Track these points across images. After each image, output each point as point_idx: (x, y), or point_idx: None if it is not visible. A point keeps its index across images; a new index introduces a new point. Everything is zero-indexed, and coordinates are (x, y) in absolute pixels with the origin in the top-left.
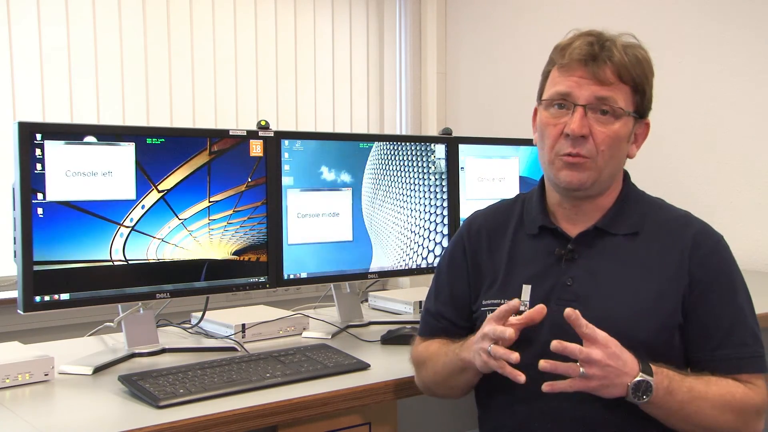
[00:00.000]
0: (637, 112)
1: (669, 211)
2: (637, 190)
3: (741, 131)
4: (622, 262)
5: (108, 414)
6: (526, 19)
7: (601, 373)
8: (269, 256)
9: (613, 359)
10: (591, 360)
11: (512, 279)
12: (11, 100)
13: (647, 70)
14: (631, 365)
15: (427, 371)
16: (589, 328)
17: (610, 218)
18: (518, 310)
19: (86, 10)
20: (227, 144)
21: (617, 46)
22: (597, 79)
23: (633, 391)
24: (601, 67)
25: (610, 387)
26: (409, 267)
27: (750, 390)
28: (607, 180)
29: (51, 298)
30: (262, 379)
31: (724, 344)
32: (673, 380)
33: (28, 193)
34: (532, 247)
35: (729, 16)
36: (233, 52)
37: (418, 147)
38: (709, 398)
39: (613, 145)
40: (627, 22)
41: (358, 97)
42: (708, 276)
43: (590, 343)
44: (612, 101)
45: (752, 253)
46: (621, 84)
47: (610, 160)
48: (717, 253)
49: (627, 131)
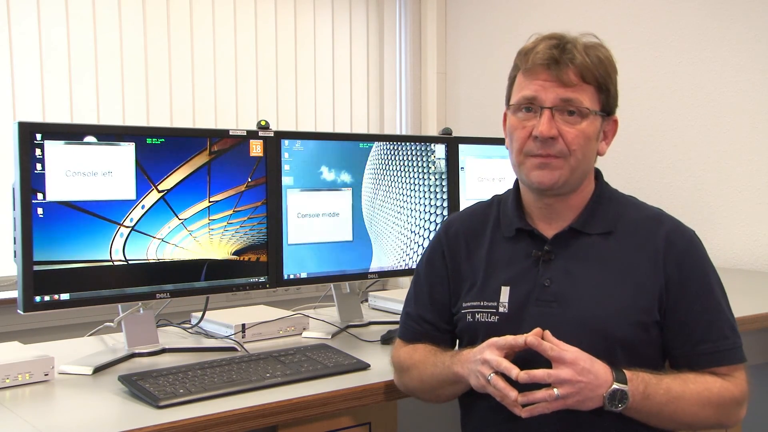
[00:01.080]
0: (603, 110)
1: (642, 210)
2: (610, 189)
3: (741, 131)
4: (597, 262)
5: (108, 414)
6: (526, 20)
7: (575, 389)
8: (269, 256)
9: (584, 374)
10: (562, 381)
11: (491, 281)
12: (11, 100)
13: (609, 68)
14: (604, 376)
15: (411, 378)
16: (554, 350)
17: (585, 218)
18: (499, 312)
19: (86, 10)
20: (227, 144)
21: (578, 47)
22: (561, 82)
23: (609, 401)
24: (563, 70)
25: (586, 401)
26: (409, 267)
27: (728, 382)
28: (578, 178)
29: (51, 298)
30: (262, 379)
31: (704, 339)
32: (649, 384)
33: (28, 193)
34: (510, 249)
35: (729, 16)
36: (233, 52)
37: (418, 147)
38: (686, 397)
39: (583, 143)
40: (627, 23)
41: (358, 97)
42: (683, 274)
43: (559, 364)
44: (577, 102)
45: (752, 253)
46: (585, 84)
47: (582, 159)
48: (690, 250)
49: (595, 130)
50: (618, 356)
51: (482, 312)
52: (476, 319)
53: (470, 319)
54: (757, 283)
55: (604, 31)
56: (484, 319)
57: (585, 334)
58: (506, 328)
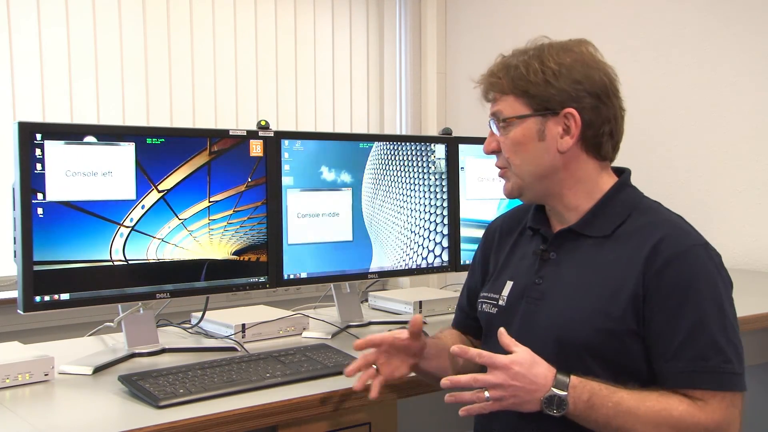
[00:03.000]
0: (537, 111)
1: (649, 216)
2: (629, 193)
3: (741, 131)
4: (586, 265)
5: (108, 414)
6: (526, 20)
7: (509, 393)
8: (269, 256)
9: (518, 379)
10: (492, 385)
11: (502, 275)
12: (11, 100)
13: (524, 71)
14: (542, 381)
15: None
16: (482, 357)
17: (586, 220)
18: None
19: (86, 11)
20: (227, 144)
21: (496, 65)
22: (488, 100)
23: (545, 405)
24: (485, 91)
25: (524, 403)
26: (409, 267)
27: (695, 408)
28: (539, 181)
29: (51, 298)
30: (262, 379)
31: (676, 356)
32: (596, 394)
33: (28, 193)
34: (526, 246)
35: (730, 16)
36: (233, 52)
37: (418, 147)
38: (640, 414)
39: (516, 150)
40: (627, 23)
41: (358, 97)
42: (661, 287)
43: (491, 369)
44: (499, 114)
45: (752, 253)
46: (503, 96)
47: (522, 163)
48: (676, 262)
49: (530, 132)
50: (589, 363)
51: (487, 303)
52: (483, 309)
53: (480, 308)
54: (757, 283)
55: (603, 31)
56: (488, 310)
57: (548, 335)
58: (500, 321)
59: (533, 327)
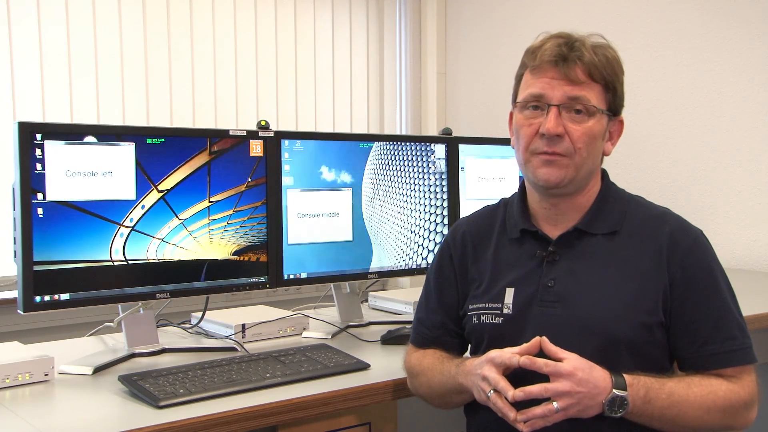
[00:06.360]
0: (610, 110)
1: (647, 209)
2: (617, 189)
3: (741, 131)
4: (601, 262)
5: (108, 414)
6: (526, 20)
7: (574, 400)
8: (269, 256)
9: (583, 384)
10: (560, 394)
11: (496, 283)
12: (11, 100)
13: (617, 68)
14: (603, 384)
15: (421, 384)
16: (549, 367)
17: (590, 218)
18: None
19: (86, 10)
20: (227, 144)
21: (586, 46)
22: (569, 79)
23: (608, 407)
24: (571, 68)
25: (586, 409)
26: (409, 267)
27: (735, 384)
28: (584, 178)
29: (51, 298)
30: (262, 379)
31: (710, 340)
32: (650, 389)
33: (28, 193)
34: (515, 250)
35: (729, 16)
36: (233, 52)
37: (418, 147)
38: (690, 401)
39: (589, 142)
40: (627, 23)
41: (358, 97)
42: (688, 274)
43: (556, 377)
44: (585, 100)
45: (752, 253)
46: (592, 83)
47: (587, 157)
48: (695, 250)
49: (601, 129)
50: (622, 358)
51: (487, 314)
52: (482, 321)
53: (476, 321)
54: (757, 283)
55: (604, 32)
56: (489, 321)
57: (587, 335)
58: (510, 330)
59: (559, 330)
